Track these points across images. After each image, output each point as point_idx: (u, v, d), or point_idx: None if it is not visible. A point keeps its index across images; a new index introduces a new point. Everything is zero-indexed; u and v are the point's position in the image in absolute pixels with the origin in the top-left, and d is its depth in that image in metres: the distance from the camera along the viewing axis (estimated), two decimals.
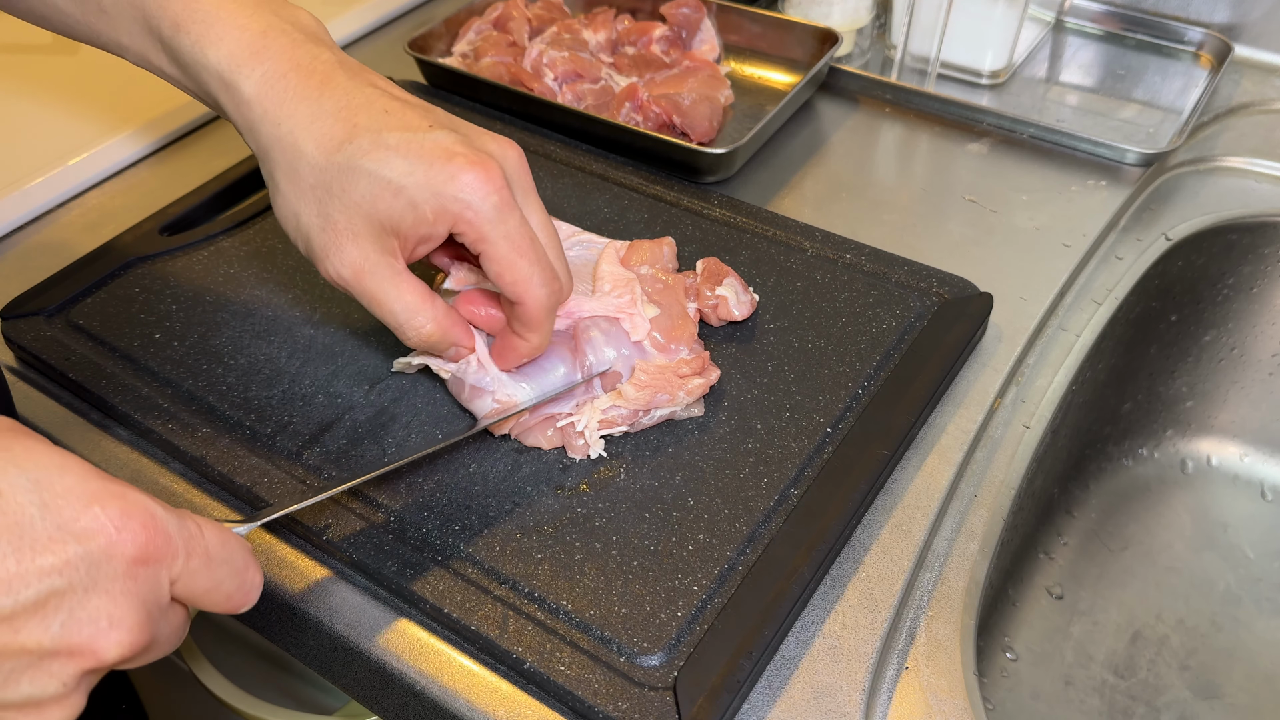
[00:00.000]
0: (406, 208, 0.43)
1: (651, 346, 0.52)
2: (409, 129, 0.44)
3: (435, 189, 0.43)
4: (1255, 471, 0.75)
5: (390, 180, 0.43)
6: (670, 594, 0.44)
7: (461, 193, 0.43)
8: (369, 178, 0.43)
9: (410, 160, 0.43)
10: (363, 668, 0.45)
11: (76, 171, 0.70)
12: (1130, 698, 0.64)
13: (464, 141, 0.44)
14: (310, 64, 0.45)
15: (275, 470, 0.49)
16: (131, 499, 0.33)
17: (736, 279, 0.56)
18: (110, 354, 0.56)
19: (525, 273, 0.45)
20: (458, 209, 0.43)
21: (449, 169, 0.43)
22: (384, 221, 0.44)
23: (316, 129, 0.44)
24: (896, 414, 0.51)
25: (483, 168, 0.43)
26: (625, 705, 0.40)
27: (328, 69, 0.45)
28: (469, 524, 0.47)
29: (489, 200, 0.43)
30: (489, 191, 0.43)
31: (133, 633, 0.32)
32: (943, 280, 0.58)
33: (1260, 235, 0.68)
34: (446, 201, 0.43)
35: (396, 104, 0.45)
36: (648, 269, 0.55)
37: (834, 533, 0.46)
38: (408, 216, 0.44)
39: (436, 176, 0.43)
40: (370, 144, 0.43)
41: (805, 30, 0.77)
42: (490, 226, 0.44)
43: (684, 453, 0.50)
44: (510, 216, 0.44)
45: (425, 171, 0.43)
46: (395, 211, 0.44)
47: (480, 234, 0.44)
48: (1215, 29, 0.79)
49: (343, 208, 0.44)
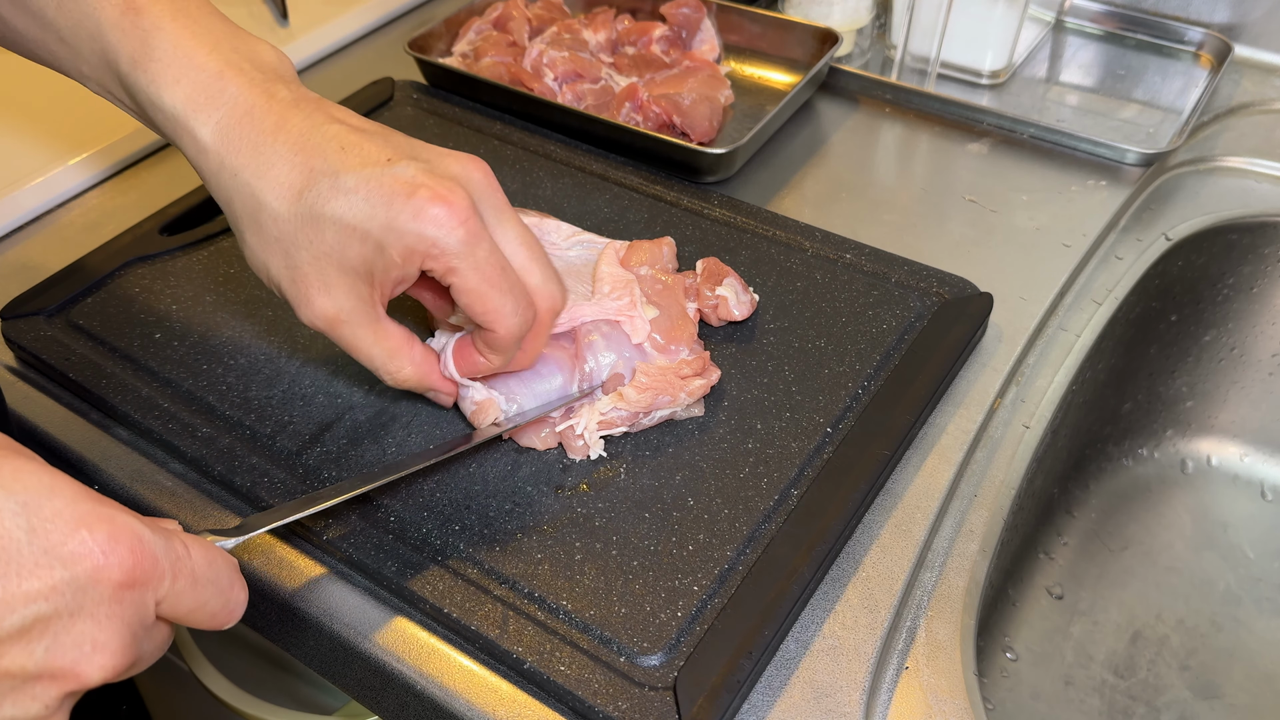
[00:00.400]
0: (374, 252, 0.42)
1: (652, 348, 0.52)
2: (366, 164, 0.42)
3: (399, 229, 0.41)
4: (1255, 471, 0.75)
5: (354, 226, 0.42)
6: (670, 594, 0.44)
7: (426, 229, 0.41)
8: (333, 225, 0.42)
9: (371, 202, 0.41)
10: (363, 668, 0.45)
11: (76, 171, 0.70)
12: (1130, 698, 0.64)
13: (426, 171, 0.42)
14: (266, 106, 0.43)
15: (275, 470, 0.49)
16: (119, 522, 0.33)
17: (736, 279, 0.56)
18: (110, 354, 0.56)
19: (495, 303, 0.43)
20: (424, 247, 0.42)
21: (411, 205, 0.41)
22: (354, 268, 0.43)
23: (274, 177, 0.42)
24: (896, 414, 0.51)
25: (446, 201, 0.41)
26: (625, 705, 0.40)
27: (283, 110, 0.43)
28: (469, 524, 0.47)
29: (455, 235, 0.42)
30: (455, 225, 0.41)
31: (116, 656, 0.33)
32: (943, 280, 0.58)
33: (1260, 235, 0.68)
34: (411, 241, 0.42)
35: (354, 137, 0.43)
36: (647, 269, 0.55)
37: (834, 532, 0.46)
38: (377, 261, 0.42)
39: (400, 215, 0.41)
40: (329, 189, 0.42)
41: (805, 30, 0.77)
42: (459, 260, 0.42)
43: (684, 453, 0.50)
44: (479, 247, 0.42)
45: (387, 211, 0.41)
46: (364, 257, 0.42)
47: (448, 267, 0.42)
48: (1215, 29, 0.79)
49: (310, 258, 0.43)
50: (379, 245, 0.42)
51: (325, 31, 0.83)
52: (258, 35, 0.47)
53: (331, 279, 0.43)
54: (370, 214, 0.41)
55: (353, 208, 0.42)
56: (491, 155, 0.70)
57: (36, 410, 0.55)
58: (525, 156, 0.69)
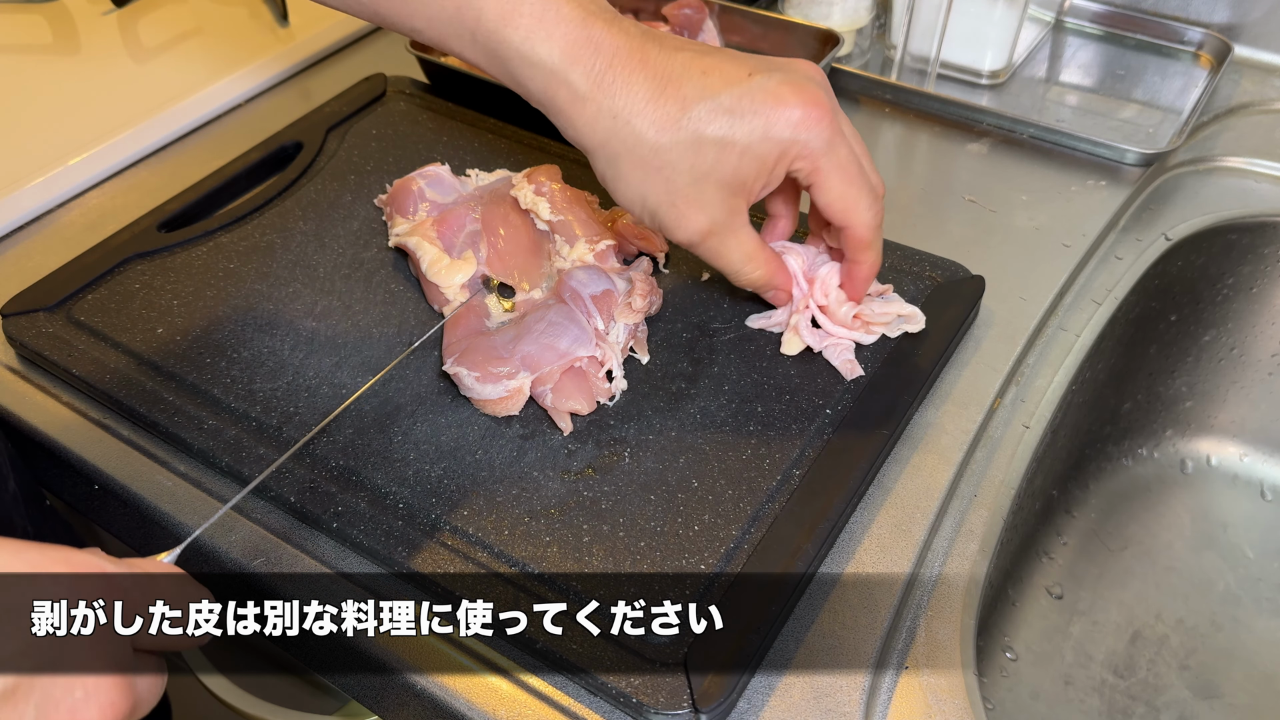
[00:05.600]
0: (752, 163, 0.45)
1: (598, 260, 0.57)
2: (732, 84, 0.44)
3: (774, 137, 0.44)
4: (1255, 471, 0.75)
5: (735, 142, 0.44)
6: (678, 573, 0.44)
7: (798, 134, 0.45)
8: (714, 145, 0.44)
9: (746, 117, 0.44)
10: (363, 668, 0.45)
11: (76, 171, 0.70)
12: (1130, 697, 0.64)
13: (786, 80, 0.45)
14: (627, 45, 0.45)
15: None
16: (77, 562, 0.32)
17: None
18: (113, 349, 0.56)
19: (854, 200, 0.47)
20: (796, 150, 0.45)
21: (782, 114, 0.44)
22: (730, 182, 0.46)
23: (650, 112, 0.44)
24: (894, 394, 0.51)
25: (812, 103, 0.44)
26: (637, 682, 0.40)
27: (641, 47, 0.45)
28: (477, 508, 0.47)
29: (822, 136, 0.45)
30: (822, 127, 0.45)
31: (110, 695, 0.32)
32: (935, 264, 0.59)
33: (1260, 235, 0.68)
34: (786, 146, 0.45)
35: (710, 61, 0.45)
36: (549, 185, 0.60)
37: (837, 510, 0.46)
38: (752, 170, 0.45)
39: (774, 124, 0.44)
40: (707, 112, 0.44)
41: (806, 31, 0.77)
42: (824, 159, 0.46)
43: (687, 436, 0.50)
44: (840, 146, 0.46)
45: (763, 123, 0.44)
46: (742, 170, 0.45)
47: (815, 167, 0.46)
48: (1215, 29, 0.79)
49: (690, 180, 0.45)
50: (757, 156, 0.45)
51: (325, 32, 0.83)
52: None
53: (708, 195, 0.46)
54: (748, 129, 0.44)
55: (731, 126, 0.44)
56: (486, 148, 0.70)
57: (37, 410, 0.55)
58: (519, 149, 0.70)
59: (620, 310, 0.54)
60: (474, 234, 0.59)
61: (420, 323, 0.57)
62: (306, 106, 0.75)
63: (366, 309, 0.58)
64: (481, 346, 0.52)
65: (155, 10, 0.86)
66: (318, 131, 0.71)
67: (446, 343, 0.54)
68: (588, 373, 0.52)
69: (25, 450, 0.55)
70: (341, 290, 0.59)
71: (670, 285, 0.59)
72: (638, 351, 0.54)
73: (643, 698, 0.40)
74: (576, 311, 0.53)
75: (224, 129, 0.76)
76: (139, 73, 0.79)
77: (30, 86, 0.77)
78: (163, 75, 0.78)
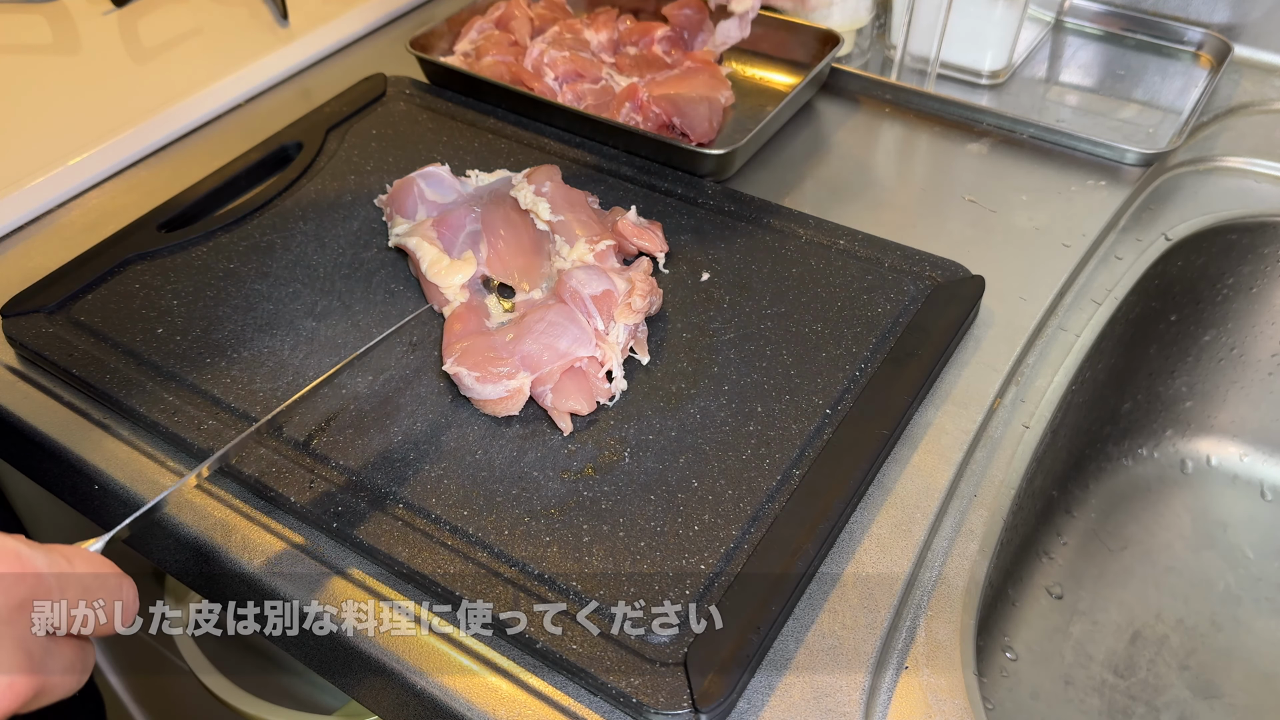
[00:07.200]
0: None
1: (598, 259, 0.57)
2: None
3: None
4: (1255, 471, 0.75)
5: None
6: (678, 573, 0.44)
7: None
8: None
9: None
10: (363, 668, 0.45)
11: (76, 171, 0.70)
12: (1130, 697, 0.64)
13: None
14: None
15: (283, 460, 0.50)
16: None
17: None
18: (113, 349, 0.56)
19: None
20: None
21: None
22: None
23: None
24: (894, 394, 0.51)
25: None
26: (637, 681, 0.40)
27: None
28: (477, 508, 0.47)
29: None
30: None
31: (13, 675, 0.31)
32: (935, 264, 0.59)
33: (1260, 235, 0.68)
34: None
35: None
36: (549, 185, 0.60)
37: (836, 510, 0.46)
38: None
39: None
40: None
41: (806, 31, 0.77)
42: None
43: (686, 436, 0.50)
44: None
45: None
46: None
47: None
48: (1215, 29, 0.79)
49: None
50: None
51: (325, 31, 0.83)
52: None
53: None
54: None
55: None
56: (486, 149, 0.70)
57: (36, 410, 0.55)
58: (519, 149, 0.70)
59: (620, 310, 0.54)
60: (474, 234, 0.60)
61: (420, 323, 0.57)
62: (306, 106, 0.75)
63: (366, 309, 0.58)
64: (481, 347, 0.52)
65: (155, 10, 0.86)
66: (318, 131, 0.71)
67: (446, 343, 0.54)
68: (588, 373, 0.52)
69: (25, 450, 0.55)
70: (341, 290, 0.59)
71: (670, 285, 0.59)
72: (638, 351, 0.54)
73: (643, 698, 0.40)
74: (576, 311, 0.53)
75: (224, 129, 0.76)
76: (139, 73, 0.79)
77: (30, 86, 0.77)
78: (163, 75, 0.78)
